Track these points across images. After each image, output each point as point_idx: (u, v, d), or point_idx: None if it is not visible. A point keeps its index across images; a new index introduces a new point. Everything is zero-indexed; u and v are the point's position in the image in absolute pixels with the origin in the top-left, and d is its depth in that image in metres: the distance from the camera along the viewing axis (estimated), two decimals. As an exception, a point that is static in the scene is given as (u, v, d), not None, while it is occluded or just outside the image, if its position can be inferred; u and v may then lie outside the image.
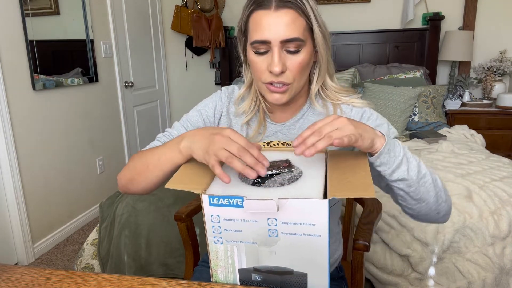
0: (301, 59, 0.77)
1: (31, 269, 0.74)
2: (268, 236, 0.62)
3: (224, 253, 0.66)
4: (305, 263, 0.62)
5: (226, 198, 0.60)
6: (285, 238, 0.61)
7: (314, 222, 0.58)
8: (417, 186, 0.72)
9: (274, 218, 0.60)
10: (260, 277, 0.66)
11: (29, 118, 2.20)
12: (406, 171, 0.70)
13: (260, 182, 0.65)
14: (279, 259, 0.63)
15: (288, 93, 0.81)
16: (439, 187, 0.75)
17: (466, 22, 3.11)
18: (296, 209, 0.58)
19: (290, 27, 0.74)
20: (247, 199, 0.59)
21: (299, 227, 0.59)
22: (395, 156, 0.70)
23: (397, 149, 0.71)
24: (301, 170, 0.68)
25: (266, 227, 0.61)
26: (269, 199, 0.58)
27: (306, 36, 0.76)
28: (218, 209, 0.61)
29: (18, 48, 2.12)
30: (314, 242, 0.60)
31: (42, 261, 2.22)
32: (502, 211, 1.39)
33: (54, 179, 2.39)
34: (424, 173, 0.73)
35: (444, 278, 1.36)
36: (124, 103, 3.07)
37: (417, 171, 0.72)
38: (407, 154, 0.72)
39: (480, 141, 2.33)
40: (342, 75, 2.97)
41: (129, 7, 3.11)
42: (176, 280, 0.67)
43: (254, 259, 0.65)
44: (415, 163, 0.72)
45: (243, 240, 0.63)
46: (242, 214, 0.61)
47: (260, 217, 0.60)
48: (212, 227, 0.63)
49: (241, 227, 0.62)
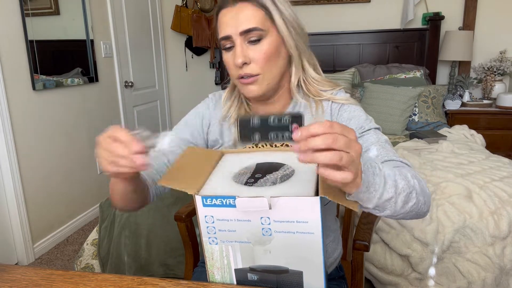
0: (265, 49, 0.79)
1: (31, 269, 0.74)
2: (262, 235, 0.62)
3: (220, 253, 0.66)
4: (300, 261, 0.62)
5: (219, 198, 0.60)
6: (279, 237, 0.61)
7: (306, 219, 0.58)
8: (397, 208, 0.65)
9: (267, 217, 0.60)
10: (256, 277, 0.66)
11: (29, 118, 2.19)
12: (391, 203, 0.63)
13: (253, 182, 0.65)
14: (274, 258, 0.63)
15: (259, 84, 0.81)
16: (418, 192, 0.67)
17: (466, 22, 3.11)
18: (288, 207, 0.58)
19: (247, 19, 0.77)
20: (239, 198, 0.59)
21: (292, 225, 0.59)
22: (375, 191, 0.60)
23: (377, 181, 0.59)
24: (294, 169, 0.68)
25: (260, 226, 0.61)
26: (261, 197, 0.58)
27: (267, 26, 0.79)
28: (212, 210, 0.62)
29: (18, 48, 2.12)
30: (307, 240, 0.60)
31: (42, 261, 2.22)
32: (502, 211, 1.39)
33: (54, 179, 2.39)
34: (402, 190, 0.64)
35: (444, 278, 1.36)
36: (124, 103, 3.07)
37: (403, 198, 0.64)
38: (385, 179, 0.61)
39: (480, 141, 2.33)
40: (342, 75, 2.97)
41: (129, 7, 3.11)
42: (176, 280, 0.67)
43: (249, 258, 0.65)
44: (392, 185, 0.62)
45: (237, 240, 0.63)
46: (235, 213, 0.61)
47: (253, 216, 0.60)
48: (207, 227, 0.64)
49: (235, 227, 0.62)
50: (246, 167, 0.70)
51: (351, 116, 0.84)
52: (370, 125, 0.82)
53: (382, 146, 0.78)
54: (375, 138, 0.80)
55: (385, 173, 0.61)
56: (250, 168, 0.70)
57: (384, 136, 0.82)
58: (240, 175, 0.68)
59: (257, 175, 0.66)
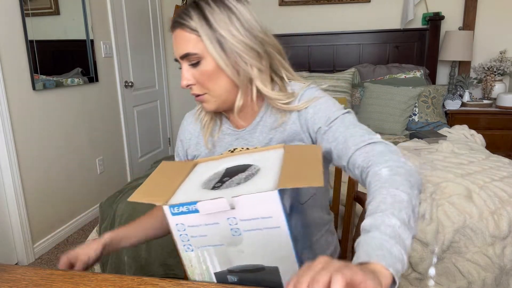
0: (204, 71, 0.80)
1: (31, 269, 0.74)
2: (232, 235, 0.62)
3: (197, 259, 0.66)
4: (273, 257, 0.63)
5: (185, 205, 0.61)
6: (248, 235, 0.61)
7: (270, 214, 0.59)
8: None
9: (233, 217, 0.60)
10: (235, 278, 0.66)
11: (29, 118, 2.20)
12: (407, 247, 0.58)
13: (220, 185, 0.66)
14: (248, 257, 0.64)
15: (207, 102, 0.84)
16: (413, 194, 0.64)
17: (466, 22, 3.11)
18: (251, 205, 0.59)
19: (181, 44, 0.80)
20: (200, 202, 0.59)
21: (258, 222, 0.60)
22: (402, 261, 0.54)
23: (396, 253, 0.53)
24: (259, 168, 0.68)
25: (228, 227, 0.61)
26: (220, 198, 0.58)
27: (201, 49, 0.79)
28: (181, 218, 0.62)
29: (18, 48, 2.12)
30: (275, 235, 0.60)
31: (42, 261, 2.22)
32: (502, 211, 1.39)
33: (54, 179, 2.39)
34: (409, 218, 0.60)
35: (444, 278, 1.36)
36: (124, 103, 3.07)
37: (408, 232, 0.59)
38: (401, 236, 0.56)
39: (480, 141, 2.33)
40: (342, 75, 2.97)
41: (129, 7, 3.11)
42: (176, 280, 0.67)
43: (226, 261, 0.65)
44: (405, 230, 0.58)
45: (210, 244, 0.64)
46: (202, 218, 0.61)
47: (219, 218, 0.61)
48: (180, 235, 0.64)
49: (205, 231, 0.63)
50: (216, 172, 0.71)
51: (316, 110, 0.82)
52: (336, 113, 0.81)
53: (352, 134, 0.76)
54: (343, 127, 0.78)
55: (395, 232, 0.55)
56: (219, 173, 0.70)
57: (353, 118, 0.81)
58: (209, 181, 0.68)
59: (225, 179, 0.67)
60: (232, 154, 0.78)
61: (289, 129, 0.85)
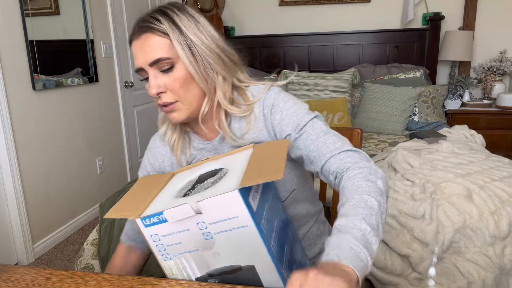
0: (178, 76, 0.77)
1: (31, 269, 0.74)
2: (204, 240, 0.62)
3: (177, 267, 0.67)
4: (248, 256, 0.63)
5: (155, 216, 0.61)
6: (220, 237, 0.62)
7: (235, 214, 0.59)
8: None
9: (202, 222, 0.61)
10: (216, 281, 0.67)
11: (29, 118, 2.20)
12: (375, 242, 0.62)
13: (191, 192, 0.66)
14: (224, 259, 0.64)
15: (179, 110, 0.80)
16: (383, 213, 0.67)
17: (466, 22, 3.11)
18: (216, 207, 0.59)
19: (152, 49, 0.76)
20: (166, 211, 0.60)
21: (226, 223, 0.60)
22: (367, 265, 0.58)
23: (362, 256, 0.57)
24: (227, 170, 0.68)
25: (199, 231, 0.62)
26: (183, 204, 0.59)
27: (173, 53, 0.77)
28: (154, 228, 0.63)
29: (18, 48, 2.12)
30: (245, 234, 0.60)
31: (42, 261, 2.22)
32: (502, 211, 1.39)
33: (54, 179, 2.39)
34: (376, 222, 0.64)
35: (444, 278, 1.36)
36: (124, 103, 3.07)
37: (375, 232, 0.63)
38: (365, 237, 0.60)
39: (480, 141, 2.33)
40: (342, 75, 2.97)
41: (129, 7, 3.11)
42: (176, 280, 0.67)
43: (203, 265, 0.66)
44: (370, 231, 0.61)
45: (186, 251, 0.64)
46: (174, 226, 0.62)
47: (189, 224, 0.61)
48: (156, 246, 0.65)
49: (179, 238, 0.63)
50: (190, 180, 0.71)
51: (283, 116, 0.82)
52: (304, 119, 0.80)
53: (323, 142, 0.77)
54: (315, 135, 0.79)
55: (363, 237, 0.59)
56: (193, 180, 0.71)
57: (323, 124, 0.81)
58: (182, 189, 0.68)
59: (196, 185, 0.67)
60: (206, 161, 0.78)
61: (257, 136, 0.84)
